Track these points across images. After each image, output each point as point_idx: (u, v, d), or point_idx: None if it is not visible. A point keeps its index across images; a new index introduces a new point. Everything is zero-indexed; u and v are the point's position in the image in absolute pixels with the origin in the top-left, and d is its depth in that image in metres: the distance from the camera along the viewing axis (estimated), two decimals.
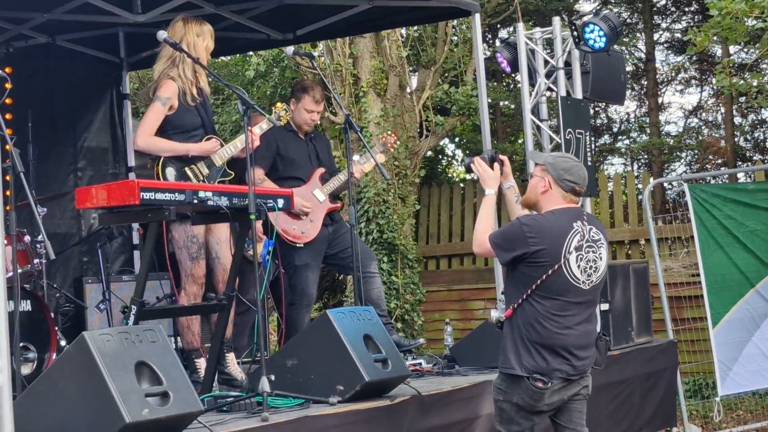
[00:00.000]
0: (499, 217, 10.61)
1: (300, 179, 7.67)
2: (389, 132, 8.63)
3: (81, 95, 9.63)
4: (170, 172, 6.53)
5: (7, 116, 8.08)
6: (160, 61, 6.78)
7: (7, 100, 5.45)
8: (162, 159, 6.55)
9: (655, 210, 12.90)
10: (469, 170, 5.77)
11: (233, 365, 6.69)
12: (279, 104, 7.28)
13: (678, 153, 16.04)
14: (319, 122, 8.12)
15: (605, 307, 8.10)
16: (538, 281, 5.16)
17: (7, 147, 5.28)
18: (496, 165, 5.65)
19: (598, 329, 5.54)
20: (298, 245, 7.53)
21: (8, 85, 5.29)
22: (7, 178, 5.32)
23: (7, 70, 5.76)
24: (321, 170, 7.79)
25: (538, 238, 5.15)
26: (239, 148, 6.69)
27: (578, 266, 5.19)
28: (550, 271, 5.14)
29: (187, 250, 6.58)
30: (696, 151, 16.15)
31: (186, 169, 6.58)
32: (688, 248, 11.22)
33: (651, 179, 13.30)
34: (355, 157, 7.82)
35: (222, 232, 6.76)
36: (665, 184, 14.61)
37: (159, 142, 6.58)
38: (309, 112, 7.73)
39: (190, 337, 6.71)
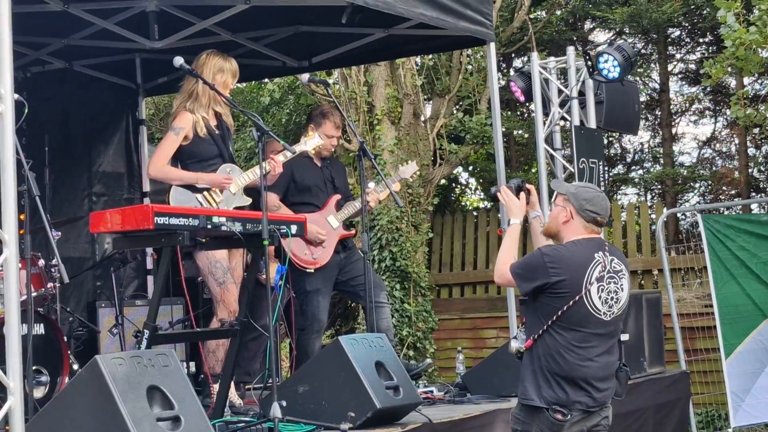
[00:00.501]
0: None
1: (314, 205, 7.68)
2: (408, 161, 8.63)
3: (97, 120, 9.68)
4: (173, 198, 6.62)
5: (24, 140, 8.14)
6: (179, 95, 6.94)
7: (24, 125, 5.48)
8: (172, 185, 6.64)
9: (668, 240, 12.86)
10: (495, 199, 5.76)
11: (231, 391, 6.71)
12: (311, 132, 7.35)
13: (691, 183, 16.02)
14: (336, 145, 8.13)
15: (625, 337, 8.07)
16: (559, 312, 5.12)
17: (23, 171, 5.31)
18: (522, 194, 5.63)
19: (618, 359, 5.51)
20: (308, 270, 7.54)
21: (25, 110, 5.33)
22: (22, 201, 5.35)
23: (24, 95, 5.80)
24: (337, 197, 7.80)
25: (559, 269, 5.13)
26: (258, 175, 6.72)
27: (599, 297, 5.17)
28: (570, 302, 5.11)
29: (212, 276, 6.64)
30: (709, 182, 16.12)
31: (197, 195, 6.63)
32: (701, 279, 11.20)
33: (664, 209, 13.31)
34: (371, 185, 7.84)
35: (235, 259, 6.79)
36: (678, 215, 14.60)
37: (170, 172, 6.71)
38: (329, 137, 7.75)
39: (213, 362, 6.71)
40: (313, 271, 7.54)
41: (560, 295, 5.13)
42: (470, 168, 16.80)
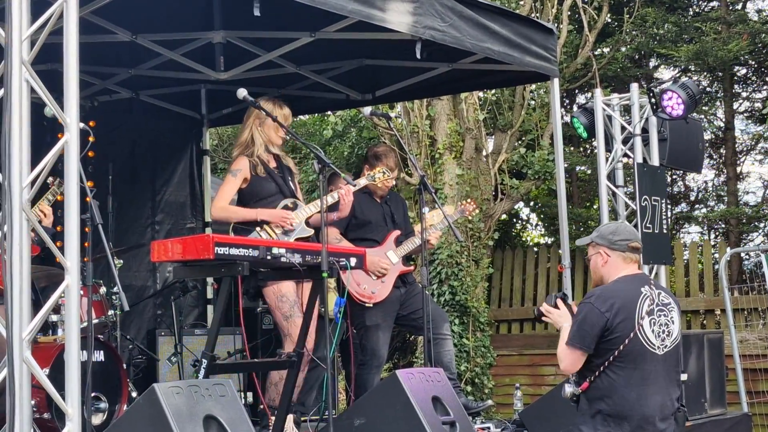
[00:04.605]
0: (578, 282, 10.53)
1: (374, 240, 7.68)
2: (468, 200, 8.61)
3: (161, 150, 9.78)
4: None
5: (89, 168, 8.25)
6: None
7: (90, 153, 5.55)
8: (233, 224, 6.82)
9: (731, 280, 12.72)
10: (539, 319, 5.74)
11: (288, 423, 6.72)
12: (378, 167, 7.42)
13: (756, 223, 15.82)
14: (394, 183, 8.14)
15: (684, 377, 7.95)
16: (615, 352, 5.10)
17: (87, 199, 5.37)
18: (560, 302, 5.55)
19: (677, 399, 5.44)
20: (367, 305, 7.53)
21: (91, 139, 5.39)
22: (86, 229, 5.41)
23: (91, 123, 5.88)
24: (396, 232, 7.79)
25: (610, 305, 5.12)
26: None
27: (652, 331, 5.14)
28: (626, 341, 5.09)
29: (279, 311, 6.72)
30: None
31: (257, 229, 6.70)
32: (764, 320, 11.06)
33: (728, 249, 13.15)
34: (425, 210, 7.81)
35: (304, 292, 6.81)
36: (742, 254, 14.43)
37: (229, 211, 6.86)
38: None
39: (274, 394, 6.74)
40: (371, 305, 7.53)
41: (615, 335, 5.10)
42: (531, 203, 16.74)
